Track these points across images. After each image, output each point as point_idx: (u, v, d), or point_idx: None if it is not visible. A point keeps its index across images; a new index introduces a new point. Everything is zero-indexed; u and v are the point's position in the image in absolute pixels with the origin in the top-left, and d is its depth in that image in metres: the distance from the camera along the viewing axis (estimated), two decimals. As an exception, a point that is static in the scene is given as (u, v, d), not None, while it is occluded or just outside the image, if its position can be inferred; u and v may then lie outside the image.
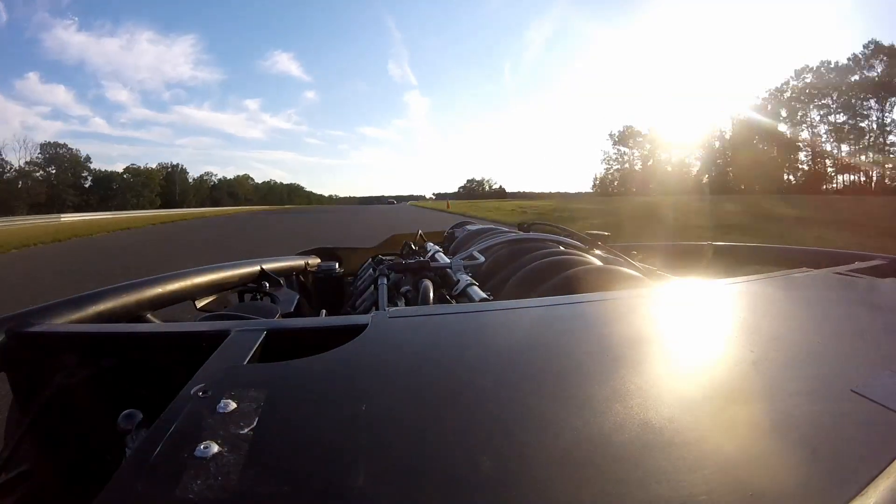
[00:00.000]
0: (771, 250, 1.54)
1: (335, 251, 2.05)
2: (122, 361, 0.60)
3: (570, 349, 0.47)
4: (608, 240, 1.47)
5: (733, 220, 13.83)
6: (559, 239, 1.40)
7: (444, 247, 1.84)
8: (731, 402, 0.39)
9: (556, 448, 0.31)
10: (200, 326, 0.59)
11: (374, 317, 0.55)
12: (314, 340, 0.51)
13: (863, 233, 8.81)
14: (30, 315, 0.66)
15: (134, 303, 0.88)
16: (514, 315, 0.60)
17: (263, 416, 0.34)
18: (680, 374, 0.44)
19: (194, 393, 0.37)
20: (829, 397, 0.39)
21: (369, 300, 1.28)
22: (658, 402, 0.37)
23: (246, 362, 0.45)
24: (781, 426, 0.35)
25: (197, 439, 0.31)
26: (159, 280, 0.98)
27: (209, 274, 1.15)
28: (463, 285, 1.00)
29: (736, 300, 0.70)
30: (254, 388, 0.38)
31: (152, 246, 11.34)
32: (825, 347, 0.49)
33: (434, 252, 1.54)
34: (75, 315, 0.74)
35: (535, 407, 0.36)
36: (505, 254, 1.27)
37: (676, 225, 12.71)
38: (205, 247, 10.86)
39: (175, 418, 0.34)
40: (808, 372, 0.44)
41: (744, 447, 0.32)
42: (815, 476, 0.30)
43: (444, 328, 0.56)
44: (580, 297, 0.66)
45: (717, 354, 0.49)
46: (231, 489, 0.27)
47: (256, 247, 10.21)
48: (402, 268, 1.19)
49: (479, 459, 0.30)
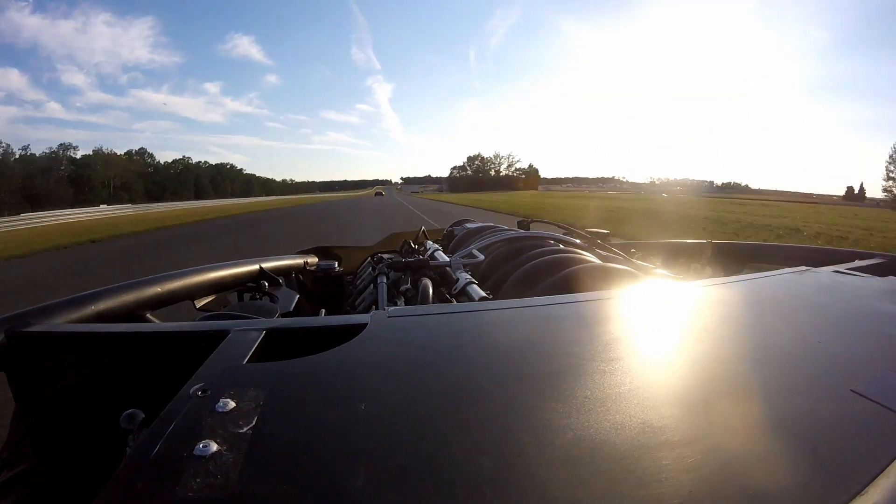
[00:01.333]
0: (770, 248, 1.54)
1: (334, 250, 2.04)
2: (122, 361, 0.60)
3: (570, 348, 0.47)
4: (608, 238, 1.47)
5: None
6: (559, 237, 1.40)
7: (443, 245, 1.83)
8: (731, 402, 0.38)
9: (555, 447, 0.31)
10: (199, 326, 0.59)
11: (373, 316, 0.55)
12: (313, 340, 0.50)
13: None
14: (29, 315, 0.66)
15: (133, 302, 0.88)
16: (513, 314, 0.60)
17: (262, 416, 0.34)
18: (679, 373, 0.44)
19: (193, 392, 0.37)
20: (829, 397, 0.39)
21: (369, 299, 1.28)
22: (658, 402, 0.37)
23: (245, 362, 0.45)
24: (781, 425, 0.35)
25: (196, 438, 0.31)
26: (158, 280, 0.98)
27: (208, 273, 1.15)
28: (462, 284, 1.00)
29: (735, 299, 0.70)
30: (253, 388, 0.38)
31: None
32: (825, 347, 0.49)
33: (433, 250, 1.54)
34: (75, 315, 0.74)
35: (534, 406, 0.36)
36: (504, 252, 1.27)
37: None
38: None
39: (174, 417, 0.34)
40: (807, 371, 0.44)
41: (744, 447, 0.32)
42: (815, 476, 0.29)
43: (444, 328, 0.56)
44: (579, 295, 0.66)
45: (717, 353, 0.49)
46: (230, 488, 0.27)
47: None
48: (402, 266, 1.19)
49: (479, 459, 0.30)
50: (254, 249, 8.63)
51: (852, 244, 8.94)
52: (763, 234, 10.71)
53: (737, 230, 11.56)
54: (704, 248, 1.53)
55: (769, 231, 11.44)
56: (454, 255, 1.25)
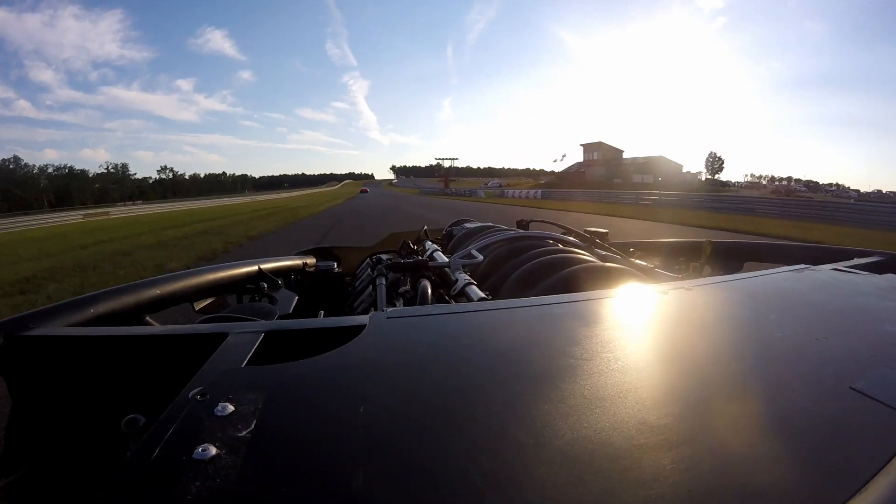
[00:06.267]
0: (769, 247, 1.54)
1: (333, 250, 2.04)
2: (121, 364, 0.60)
3: (569, 348, 0.47)
4: (607, 237, 1.47)
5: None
6: (558, 237, 1.40)
7: (442, 245, 1.83)
8: (731, 400, 0.38)
9: (554, 447, 0.31)
10: (198, 329, 0.58)
11: (372, 317, 0.55)
12: (312, 341, 0.50)
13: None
14: (28, 319, 0.66)
15: (132, 305, 0.88)
16: (512, 315, 0.60)
17: (261, 419, 0.34)
18: (679, 372, 0.44)
19: (192, 396, 0.37)
20: (829, 394, 0.39)
21: (367, 300, 1.28)
22: (657, 401, 0.37)
23: (244, 364, 0.45)
24: (781, 423, 0.35)
25: (195, 442, 0.31)
26: (157, 282, 0.98)
27: (207, 275, 1.14)
28: (461, 284, 1.00)
29: (735, 297, 0.70)
30: (252, 391, 0.37)
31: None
32: (824, 344, 0.49)
33: (432, 251, 1.54)
34: (73, 318, 0.74)
35: (533, 406, 0.36)
36: (503, 252, 1.27)
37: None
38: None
39: (173, 421, 0.34)
40: (807, 369, 0.44)
41: (744, 445, 0.32)
42: (814, 473, 0.29)
43: (443, 328, 0.56)
44: (578, 295, 0.66)
45: (716, 352, 0.49)
46: (228, 492, 0.27)
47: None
48: (401, 267, 1.19)
49: (479, 459, 0.30)
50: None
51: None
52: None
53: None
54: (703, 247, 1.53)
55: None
56: (453, 255, 1.25)
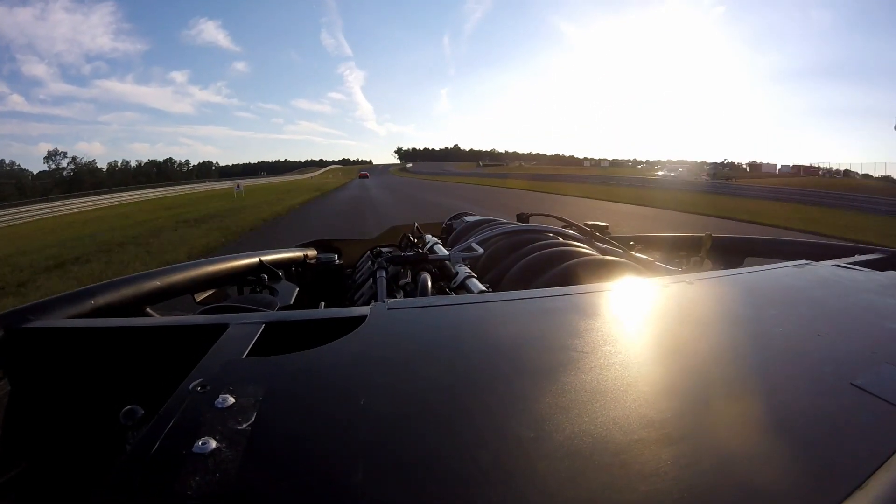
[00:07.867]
0: (770, 242, 1.54)
1: (334, 243, 2.04)
2: (121, 356, 0.60)
3: (569, 341, 0.47)
4: (607, 231, 1.47)
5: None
6: (558, 230, 1.39)
7: (442, 238, 1.83)
8: (731, 396, 0.38)
9: (554, 440, 0.31)
10: (199, 320, 0.58)
11: (372, 309, 0.55)
12: (313, 333, 0.50)
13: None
14: (28, 311, 0.66)
15: (132, 297, 0.88)
16: (512, 307, 0.59)
17: (261, 411, 0.34)
18: (679, 367, 0.44)
19: (193, 388, 0.37)
20: (829, 391, 0.39)
21: (368, 293, 1.28)
22: (657, 396, 0.37)
23: (245, 356, 0.45)
24: (781, 419, 0.35)
25: (195, 435, 0.31)
26: (158, 274, 0.98)
27: (208, 267, 1.14)
28: (461, 277, 1.00)
29: (735, 292, 0.70)
30: (252, 383, 0.37)
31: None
32: (825, 341, 0.49)
33: (432, 244, 1.54)
34: (74, 310, 0.74)
35: (533, 399, 0.36)
36: (504, 245, 1.26)
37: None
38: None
39: (173, 414, 0.34)
40: (807, 365, 0.44)
41: (743, 440, 0.32)
42: (815, 469, 0.30)
43: (443, 320, 0.56)
44: (579, 288, 0.66)
45: (717, 347, 0.49)
46: (229, 485, 0.27)
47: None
48: (401, 260, 1.19)
49: (479, 452, 0.30)
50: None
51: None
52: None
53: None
54: (704, 242, 1.53)
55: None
56: (453, 248, 1.25)
